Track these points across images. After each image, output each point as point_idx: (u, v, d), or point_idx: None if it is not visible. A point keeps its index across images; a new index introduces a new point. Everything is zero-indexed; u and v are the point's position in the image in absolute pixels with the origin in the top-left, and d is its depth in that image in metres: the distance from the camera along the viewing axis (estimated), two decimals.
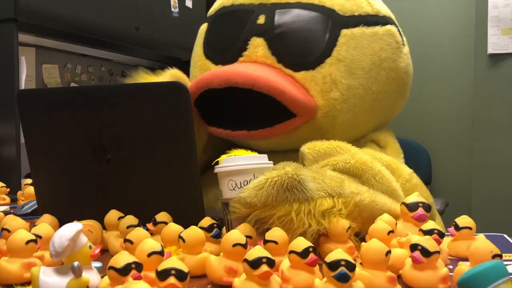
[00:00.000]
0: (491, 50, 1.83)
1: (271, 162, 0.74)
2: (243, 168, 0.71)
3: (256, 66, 1.00)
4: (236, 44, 1.05)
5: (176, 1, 2.02)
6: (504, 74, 1.80)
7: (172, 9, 1.99)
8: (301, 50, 1.00)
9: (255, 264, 0.48)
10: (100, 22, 1.63)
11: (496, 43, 1.83)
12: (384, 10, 1.10)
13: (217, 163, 0.75)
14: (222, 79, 0.94)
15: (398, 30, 1.11)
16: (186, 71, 2.34)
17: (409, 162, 1.18)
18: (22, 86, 1.37)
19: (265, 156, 0.75)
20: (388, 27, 1.07)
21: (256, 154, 0.75)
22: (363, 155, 0.90)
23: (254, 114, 1.02)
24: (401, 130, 1.29)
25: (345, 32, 1.01)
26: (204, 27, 1.19)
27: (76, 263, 0.47)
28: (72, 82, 1.88)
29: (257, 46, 1.02)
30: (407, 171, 0.97)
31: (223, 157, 0.74)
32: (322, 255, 0.65)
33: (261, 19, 1.03)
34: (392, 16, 1.12)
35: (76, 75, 1.90)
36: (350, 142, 0.97)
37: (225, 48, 1.08)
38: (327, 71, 0.99)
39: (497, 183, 1.77)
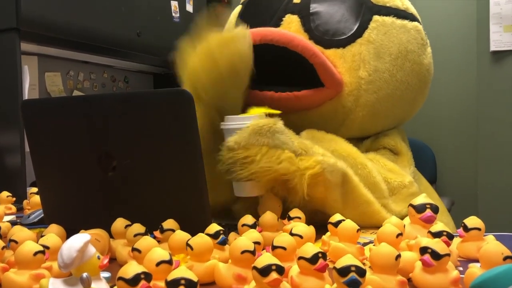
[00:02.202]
0: (493, 47, 1.82)
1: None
2: (242, 126, 0.80)
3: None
4: (270, 21, 1.08)
5: (177, 6, 2.02)
6: (507, 71, 1.79)
7: (173, 14, 1.99)
8: (333, 28, 1.04)
9: (264, 271, 0.48)
10: (101, 29, 1.63)
11: (498, 40, 1.82)
12: (413, 9, 1.16)
13: None
14: (258, 35, 0.96)
15: (424, 31, 1.17)
16: None
17: (414, 161, 1.19)
18: (26, 95, 1.38)
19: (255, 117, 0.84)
20: (416, 23, 1.13)
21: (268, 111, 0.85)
22: (352, 147, 0.97)
23: (282, 83, 1.02)
24: (405, 129, 1.29)
25: (376, 18, 1.06)
26: (238, 8, 1.22)
27: (85, 274, 0.47)
28: (75, 90, 1.88)
29: (291, 22, 1.06)
30: (408, 178, 1.00)
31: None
32: (331, 256, 0.64)
33: None
34: (419, 18, 1.18)
35: (79, 82, 1.90)
36: (367, 133, 1.09)
37: (259, 26, 1.06)
38: (357, 50, 1.03)
39: (503, 181, 1.76)
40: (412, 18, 1.13)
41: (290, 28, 1.05)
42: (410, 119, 1.47)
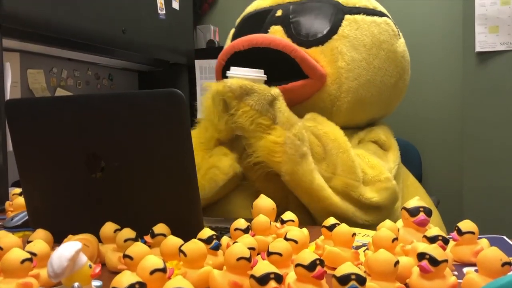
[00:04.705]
0: (478, 48, 1.83)
1: (265, 76, 1.07)
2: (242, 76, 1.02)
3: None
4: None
5: (163, 3, 1.99)
6: (492, 72, 1.81)
7: (159, 11, 1.96)
8: (312, 31, 1.20)
9: (263, 280, 0.47)
10: (86, 25, 1.60)
11: (483, 41, 1.83)
12: (381, 7, 1.32)
13: None
14: (246, 41, 1.14)
15: (395, 25, 1.30)
16: (173, 73, 2.32)
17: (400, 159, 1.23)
18: (8, 92, 1.34)
19: (261, 71, 1.07)
20: (385, 18, 1.28)
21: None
22: (342, 135, 1.09)
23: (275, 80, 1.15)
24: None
25: (348, 17, 1.22)
26: (232, 31, 1.40)
27: (76, 284, 0.45)
28: (58, 87, 1.84)
29: (275, 32, 1.21)
30: (384, 175, 1.09)
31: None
32: (326, 261, 0.64)
33: (279, 13, 1.25)
34: (388, 15, 1.32)
35: (62, 80, 1.87)
36: (357, 121, 1.23)
37: None
38: (334, 45, 1.18)
39: (488, 181, 1.78)
40: (380, 14, 1.28)
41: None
42: (396, 119, 1.48)
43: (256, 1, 1.38)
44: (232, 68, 1.05)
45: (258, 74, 1.06)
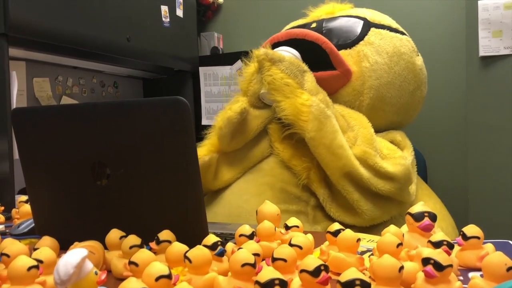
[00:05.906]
0: (482, 52, 1.83)
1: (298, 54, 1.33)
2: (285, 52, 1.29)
3: None
4: None
5: (167, 11, 2.00)
6: (496, 76, 1.80)
7: (163, 19, 1.98)
8: (342, 38, 1.43)
9: (267, 286, 0.47)
10: (91, 34, 1.61)
11: (487, 45, 1.83)
12: (402, 29, 1.51)
13: None
14: (284, 33, 1.41)
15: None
16: (177, 81, 2.33)
17: None
18: (14, 101, 1.35)
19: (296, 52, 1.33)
20: (406, 36, 1.48)
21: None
22: (364, 118, 1.31)
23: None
24: None
25: (373, 29, 1.44)
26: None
27: None
28: (64, 95, 1.85)
29: None
30: (398, 153, 1.27)
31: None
32: (331, 266, 0.64)
33: (313, 25, 1.49)
34: (408, 36, 1.50)
35: (67, 88, 1.88)
36: (378, 119, 1.37)
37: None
38: (360, 49, 1.40)
39: (493, 185, 1.77)
40: (402, 33, 1.47)
41: None
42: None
43: (293, 22, 1.63)
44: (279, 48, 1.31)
45: (296, 53, 1.30)
